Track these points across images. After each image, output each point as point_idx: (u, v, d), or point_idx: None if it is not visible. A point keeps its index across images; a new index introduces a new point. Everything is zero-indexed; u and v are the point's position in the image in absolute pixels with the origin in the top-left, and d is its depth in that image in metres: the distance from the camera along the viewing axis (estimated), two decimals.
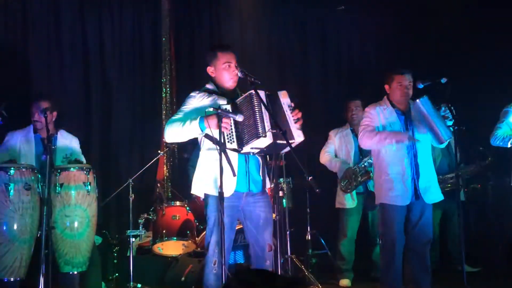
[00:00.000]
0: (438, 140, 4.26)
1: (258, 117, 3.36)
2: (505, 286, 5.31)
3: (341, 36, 7.77)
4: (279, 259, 3.64)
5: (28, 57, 6.18)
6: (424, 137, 4.29)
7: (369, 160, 5.11)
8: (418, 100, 4.19)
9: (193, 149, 5.26)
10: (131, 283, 4.79)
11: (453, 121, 4.31)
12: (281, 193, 5.17)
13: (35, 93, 5.56)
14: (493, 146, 4.98)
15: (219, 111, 3.36)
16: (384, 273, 4.33)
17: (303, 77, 7.53)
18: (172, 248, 5.31)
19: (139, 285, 4.87)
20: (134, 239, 5.07)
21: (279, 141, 3.38)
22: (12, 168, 3.98)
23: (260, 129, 3.34)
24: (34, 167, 4.17)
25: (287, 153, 3.69)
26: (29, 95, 5.76)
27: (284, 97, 3.57)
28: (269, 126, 3.37)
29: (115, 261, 5.21)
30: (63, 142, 4.66)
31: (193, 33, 7.01)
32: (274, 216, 3.88)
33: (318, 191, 3.25)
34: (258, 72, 4.02)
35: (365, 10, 7.40)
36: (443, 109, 4.29)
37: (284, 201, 5.31)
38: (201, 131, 3.46)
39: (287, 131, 3.40)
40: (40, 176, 4.11)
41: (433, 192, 4.31)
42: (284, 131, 3.32)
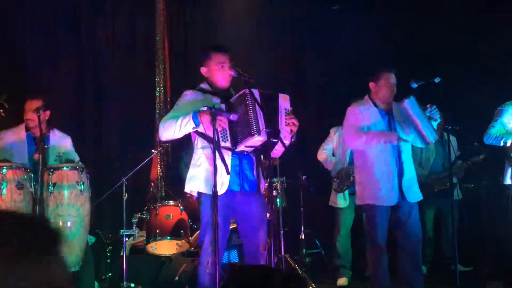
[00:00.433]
0: (423, 141, 4.23)
1: (252, 116, 3.36)
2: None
3: (336, 35, 7.78)
4: (273, 259, 3.64)
5: (21, 55, 6.14)
6: (408, 138, 4.26)
7: None
8: (405, 100, 4.14)
9: (186, 148, 5.25)
10: (125, 282, 4.77)
11: (438, 122, 4.30)
12: (275, 193, 5.16)
13: (28, 92, 5.52)
14: (486, 144, 4.99)
15: (213, 110, 3.36)
16: (373, 273, 4.32)
17: (298, 76, 7.53)
18: (165, 247, 5.30)
19: (132, 285, 4.85)
20: (127, 239, 5.05)
21: (272, 139, 3.39)
22: (4, 167, 3.95)
23: (254, 127, 3.35)
24: (27, 166, 4.14)
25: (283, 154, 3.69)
26: (22, 93, 5.72)
27: (283, 100, 3.60)
28: (263, 124, 3.37)
29: (109, 261, 5.19)
30: (56, 141, 4.63)
31: (187, 33, 7.00)
32: (268, 215, 3.87)
33: (311, 190, 3.26)
34: (252, 71, 4.02)
35: (360, 9, 7.40)
36: (429, 109, 4.23)
37: (278, 200, 5.30)
38: (195, 125, 3.44)
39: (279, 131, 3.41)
40: (33, 175, 4.08)
41: (415, 191, 4.30)
42: (278, 130, 3.33)
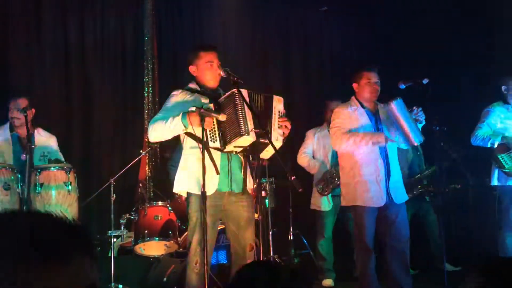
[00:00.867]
0: (408, 142, 4.25)
1: (240, 116, 3.37)
2: None
3: (324, 36, 7.81)
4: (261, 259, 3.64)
5: (7, 54, 6.08)
6: (394, 138, 4.27)
7: None
8: (392, 102, 4.13)
9: (174, 148, 5.24)
10: (113, 283, 4.75)
11: (423, 124, 4.32)
12: (263, 193, 5.16)
13: (13, 90, 5.47)
14: (473, 145, 5.00)
15: (202, 111, 3.35)
16: (361, 274, 4.33)
17: (286, 76, 7.54)
18: (154, 248, 5.27)
19: (120, 286, 4.82)
20: (115, 240, 5.02)
21: (261, 140, 3.39)
22: None
23: (243, 127, 3.35)
24: (13, 167, 4.11)
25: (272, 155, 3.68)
26: (7, 92, 5.67)
27: (277, 102, 3.61)
28: (252, 125, 3.37)
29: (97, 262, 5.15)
30: (41, 140, 4.60)
31: (176, 32, 6.98)
32: (256, 216, 3.87)
33: (300, 190, 3.26)
34: (240, 71, 4.02)
35: (347, 11, 7.43)
36: (415, 111, 4.23)
37: (266, 201, 5.30)
38: (184, 127, 3.43)
39: (268, 131, 3.42)
40: (19, 175, 4.05)
41: (402, 192, 4.32)
42: (267, 130, 3.34)
